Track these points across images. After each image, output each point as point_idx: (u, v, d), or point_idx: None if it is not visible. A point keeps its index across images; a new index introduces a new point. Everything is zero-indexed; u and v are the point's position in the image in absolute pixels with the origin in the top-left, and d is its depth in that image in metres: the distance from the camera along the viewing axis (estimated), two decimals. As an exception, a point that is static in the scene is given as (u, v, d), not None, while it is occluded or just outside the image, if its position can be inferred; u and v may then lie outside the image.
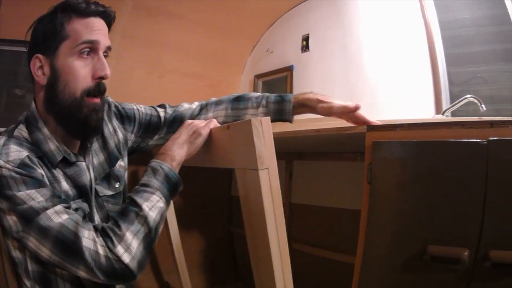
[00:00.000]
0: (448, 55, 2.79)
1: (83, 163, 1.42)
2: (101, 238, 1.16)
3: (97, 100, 1.36)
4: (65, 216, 1.17)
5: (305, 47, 3.68)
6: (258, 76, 4.18)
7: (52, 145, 1.31)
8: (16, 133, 1.30)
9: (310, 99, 1.86)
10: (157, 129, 1.73)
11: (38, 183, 1.19)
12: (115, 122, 1.63)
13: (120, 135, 1.63)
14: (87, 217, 1.36)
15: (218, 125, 1.47)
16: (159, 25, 3.51)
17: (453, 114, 2.48)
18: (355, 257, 1.53)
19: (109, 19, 1.38)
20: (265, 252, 1.14)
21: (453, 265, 1.28)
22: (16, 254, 1.29)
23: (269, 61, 4.08)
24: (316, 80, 3.56)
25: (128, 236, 1.18)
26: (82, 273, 1.16)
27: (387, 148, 1.47)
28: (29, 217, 1.15)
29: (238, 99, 1.80)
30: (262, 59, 4.19)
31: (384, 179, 1.49)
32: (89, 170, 1.44)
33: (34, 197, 1.16)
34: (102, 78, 1.34)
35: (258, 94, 1.82)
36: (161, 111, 1.75)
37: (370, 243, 1.50)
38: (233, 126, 1.14)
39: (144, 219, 1.21)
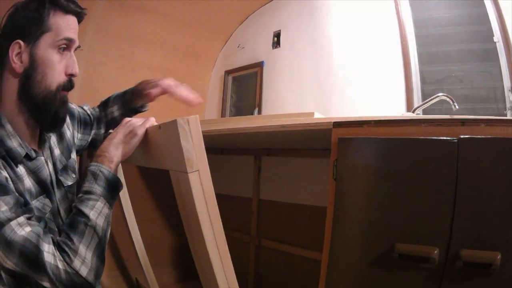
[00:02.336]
0: (422, 53, 2.79)
1: (42, 158, 1.40)
2: (58, 253, 1.14)
3: (66, 93, 1.36)
4: (27, 229, 1.13)
5: (276, 43, 3.69)
6: (228, 72, 4.19)
7: (15, 142, 1.27)
8: None
9: (140, 83, 1.93)
10: (90, 126, 1.77)
11: (1, 189, 1.14)
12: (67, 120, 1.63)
13: (70, 131, 1.63)
14: (51, 214, 1.37)
15: (155, 123, 1.44)
16: (131, 18, 3.50)
17: (425, 112, 2.47)
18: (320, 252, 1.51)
19: (81, 20, 1.38)
20: (203, 253, 1.11)
21: (423, 263, 1.27)
22: None
23: (239, 57, 4.09)
24: (286, 76, 3.56)
25: (82, 249, 1.17)
26: (46, 285, 1.14)
27: (353, 145, 1.46)
28: None
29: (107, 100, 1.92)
30: (232, 54, 4.20)
31: (350, 176, 1.47)
32: (47, 164, 1.42)
33: None
34: (72, 75, 1.34)
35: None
36: (86, 109, 1.78)
37: (337, 240, 1.48)
38: (164, 126, 1.09)
39: (94, 229, 1.20)
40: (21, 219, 1.14)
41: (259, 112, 3.65)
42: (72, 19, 1.32)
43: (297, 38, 3.50)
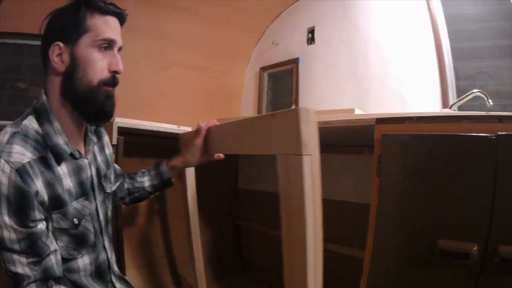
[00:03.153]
0: (454, 49, 2.78)
1: (86, 160, 1.47)
2: None
3: (111, 88, 1.41)
4: (20, 270, 1.20)
5: (311, 40, 3.69)
6: (263, 69, 4.19)
7: (61, 139, 1.33)
8: (25, 123, 1.29)
9: (175, 157, 2.00)
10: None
11: (19, 214, 1.18)
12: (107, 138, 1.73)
13: (109, 150, 1.73)
14: (89, 216, 1.44)
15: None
16: (162, 17, 3.53)
17: (460, 108, 2.48)
18: (363, 250, 1.55)
19: (122, 20, 1.45)
20: (301, 238, 1.13)
21: (463, 259, 1.29)
22: None
23: (274, 54, 4.09)
24: (322, 73, 3.55)
25: None
26: None
27: (396, 141, 1.48)
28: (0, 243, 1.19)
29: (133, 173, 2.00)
30: (267, 51, 4.19)
31: (393, 172, 1.50)
32: (90, 167, 1.49)
33: (10, 230, 1.17)
34: (116, 72, 1.40)
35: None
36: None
37: (380, 236, 1.51)
38: (280, 113, 1.14)
39: None
40: (23, 259, 1.20)
41: None
42: (111, 20, 1.39)
43: (332, 35, 3.49)
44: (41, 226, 1.22)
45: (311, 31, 3.69)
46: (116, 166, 1.90)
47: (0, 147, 1.18)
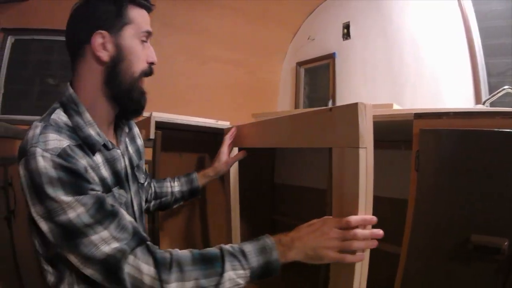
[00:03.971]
0: (484, 46, 2.82)
1: (119, 151, 1.49)
2: (153, 269, 1.13)
3: (143, 83, 1.46)
4: (113, 245, 1.13)
5: (346, 35, 3.73)
6: (300, 64, 4.23)
7: (93, 131, 1.32)
8: (54, 117, 1.27)
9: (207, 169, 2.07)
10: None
11: (77, 186, 1.14)
12: (137, 129, 1.76)
13: (141, 141, 1.75)
14: (124, 206, 1.42)
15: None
16: (197, 12, 3.60)
17: (492, 105, 2.51)
18: (398, 246, 1.58)
19: (150, 13, 1.49)
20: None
21: (494, 255, 1.32)
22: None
23: (310, 49, 4.13)
24: (359, 68, 3.59)
25: (192, 283, 1.14)
26: None
27: (434, 136, 1.50)
28: (70, 235, 1.12)
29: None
30: (303, 46, 4.23)
31: (430, 167, 1.52)
32: (123, 158, 1.51)
33: (73, 206, 1.11)
34: (153, 63, 1.46)
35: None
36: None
37: (416, 232, 1.54)
38: (337, 108, 1.19)
39: (216, 285, 1.15)
40: (105, 233, 1.13)
41: (334, 104, 3.65)
42: (145, 13, 1.43)
43: (367, 30, 3.53)
44: (101, 193, 1.20)
45: (347, 26, 3.72)
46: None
47: (34, 139, 1.15)
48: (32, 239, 1.27)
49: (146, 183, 1.75)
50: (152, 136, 2.27)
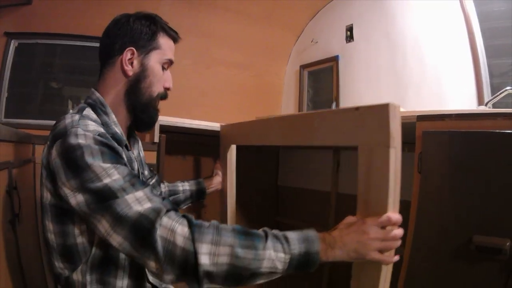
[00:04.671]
0: (486, 47, 2.81)
1: (133, 154, 1.57)
2: (187, 229, 1.11)
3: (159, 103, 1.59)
4: (147, 205, 1.14)
5: (350, 37, 3.73)
6: (303, 66, 4.23)
7: (118, 130, 1.43)
8: (85, 113, 1.32)
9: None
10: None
11: (115, 157, 1.20)
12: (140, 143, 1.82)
13: (143, 153, 1.82)
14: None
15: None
16: (202, 15, 3.62)
17: (494, 106, 2.51)
18: (403, 247, 1.53)
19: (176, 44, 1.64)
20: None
21: (496, 255, 1.34)
22: (73, 240, 1.28)
23: (314, 52, 4.13)
24: (362, 70, 3.59)
25: (226, 249, 1.10)
26: (151, 266, 1.12)
27: (436, 138, 1.52)
28: (104, 198, 1.13)
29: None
30: (306, 49, 4.23)
31: (433, 169, 1.54)
32: (136, 162, 1.58)
33: (110, 173, 1.15)
34: (168, 88, 1.59)
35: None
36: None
37: (419, 232, 1.56)
38: (365, 108, 1.21)
39: (253, 259, 1.11)
40: (140, 193, 1.15)
41: (337, 106, 3.67)
42: (173, 44, 1.59)
43: (371, 32, 3.53)
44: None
45: (350, 29, 3.72)
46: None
47: (74, 123, 1.22)
48: (45, 234, 1.30)
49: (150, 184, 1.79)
50: (156, 139, 2.31)
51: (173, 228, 1.11)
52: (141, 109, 1.50)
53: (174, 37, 1.58)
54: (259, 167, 3.23)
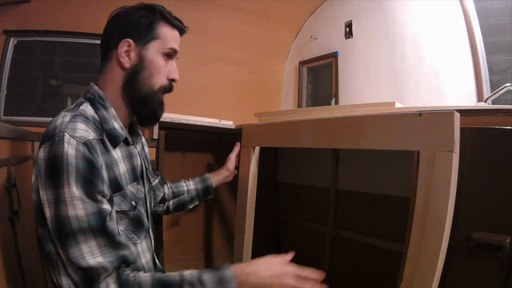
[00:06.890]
0: (486, 43, 2.81)
1: (136, 149, 1.59)
2: None
3: (163, 96, 1.55)
4: (99, 259, 1.19)
5: (349, 34, 3.71)
6: (302, 63, 4.22)
7: (117, 124, 1.42)
8: (82, 109, 1.34)
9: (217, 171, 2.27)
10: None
11: (87, 180, 1.19)
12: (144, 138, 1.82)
13: (147, 149, 1.82)
14: (141, 201, 1.52)
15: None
16: (200, 12, 3.61)
17: (493, 102, 2.51)
18: (403, 243, 1.53)
19: (182, 35, 1.60)
20: (437, 230, 1.24)
21: (496, 252, 1.34)
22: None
23: (313, 48, 4.12)
24: (361, 66, 3.59)
25: None
26: None
27: None
28: (63, 232, 1.17)
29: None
30: (306, 45, 4.22)
31: None
32: (139, 157, 1.60)
33: (75, 204, 1.16)
34: (173, 80, 1.56)
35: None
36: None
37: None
38: (428, 114, 1.23)
39: None
40: (94, 244, 1.19)
41: (336, 103, 3.67)
42: (176, 33, 1.55)
43: (370, 29, 3.52)
44: (107, 206, 1.25)
45: (349, 25, 3.71)
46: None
47: (63, 125, 1.22)
48: (36, 226, 1.31)
49: (155, 183, 1.86)
50: (155, 136, 2.30)
51: None
52: (141, 102, 1.48)
53: (178, 26, 1.54)
54: (259, 164, 3.15)
